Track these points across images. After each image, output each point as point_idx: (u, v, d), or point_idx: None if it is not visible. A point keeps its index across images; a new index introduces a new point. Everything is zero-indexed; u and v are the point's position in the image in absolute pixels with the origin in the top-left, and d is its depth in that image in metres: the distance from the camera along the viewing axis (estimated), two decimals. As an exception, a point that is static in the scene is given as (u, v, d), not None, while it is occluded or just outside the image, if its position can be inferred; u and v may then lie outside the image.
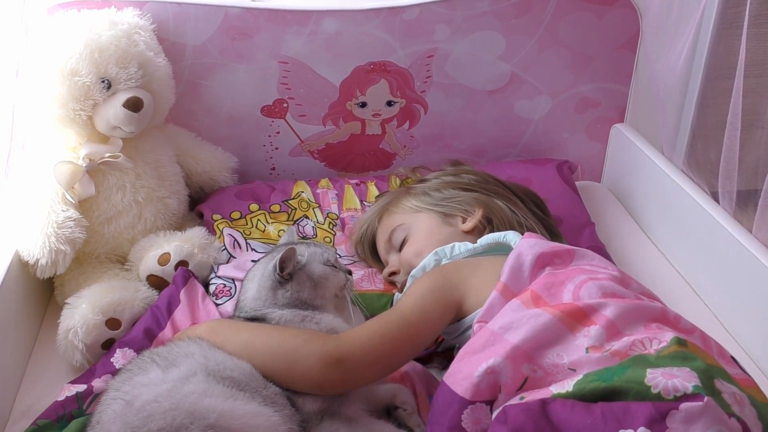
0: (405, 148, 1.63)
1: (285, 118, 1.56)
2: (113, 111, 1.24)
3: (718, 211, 1.30)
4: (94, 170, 1.26)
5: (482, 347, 0.88)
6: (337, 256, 1.16)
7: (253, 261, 1.15)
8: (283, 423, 0.88)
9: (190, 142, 1.49)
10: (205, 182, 1.50)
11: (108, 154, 1.26)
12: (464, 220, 1.23)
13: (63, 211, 1.20)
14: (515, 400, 0.83)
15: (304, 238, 1.37)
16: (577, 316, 0.89)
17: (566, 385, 0.80)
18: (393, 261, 1.25)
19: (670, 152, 1.48)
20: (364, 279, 1.23)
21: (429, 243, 1.19)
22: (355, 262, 1.31)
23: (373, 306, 1.17)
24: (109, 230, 1.29)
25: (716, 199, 1.33)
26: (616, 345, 0.84)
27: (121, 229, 1.30)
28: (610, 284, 0.95)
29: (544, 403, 0.79)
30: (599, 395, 0.78)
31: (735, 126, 1.20)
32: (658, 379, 0.75)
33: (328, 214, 1.43)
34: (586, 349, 0.85)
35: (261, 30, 1.46)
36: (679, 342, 0.83)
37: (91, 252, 1.30)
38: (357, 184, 1.51)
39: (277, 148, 1.60)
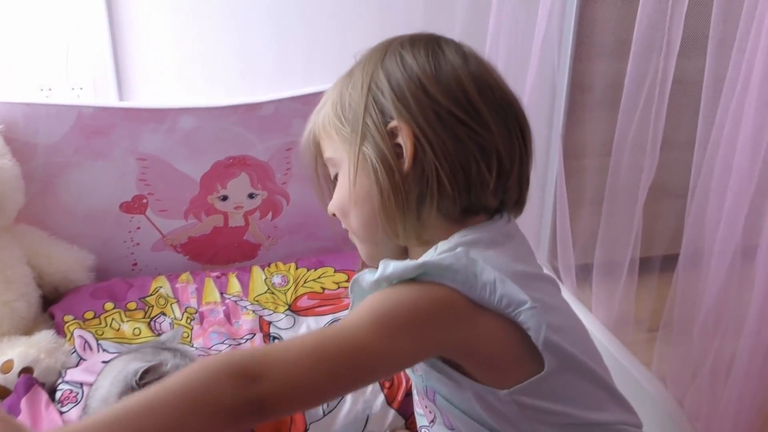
0: (270, 238, 1.65)
1: (145, 214, 1.56)
2: (-50, 216, 1.21)
3: (562, 290, 1.38)
4: (-70, 277, 1.21)
5: None
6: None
7: (104, 362, 1.12)
8: None
9: (42, 241, 1.45)
10: (60, 282, 1.45)
11: (-55, 260, 1.21)
12: None
13: None
14: None
15: (159, 335, 1.34)
16: None
17: None
18: None
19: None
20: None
21: None
22: (230, 347, 1.28)
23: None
24: (-53, 339, 1.23)
25: (559, 277, 1.42)
26: None
27: (-40, 337, 1.24)
28: None
29: None
30: None
31: (563, 206, 1.30)
32: None
33: (186, 308, 1.41)
34: None
35: (117, 128, 1.47)
36: None
37: (-75, 364, 1.22)
38: (218, 277, 1.50)
39: (138, 244, 1.58)
